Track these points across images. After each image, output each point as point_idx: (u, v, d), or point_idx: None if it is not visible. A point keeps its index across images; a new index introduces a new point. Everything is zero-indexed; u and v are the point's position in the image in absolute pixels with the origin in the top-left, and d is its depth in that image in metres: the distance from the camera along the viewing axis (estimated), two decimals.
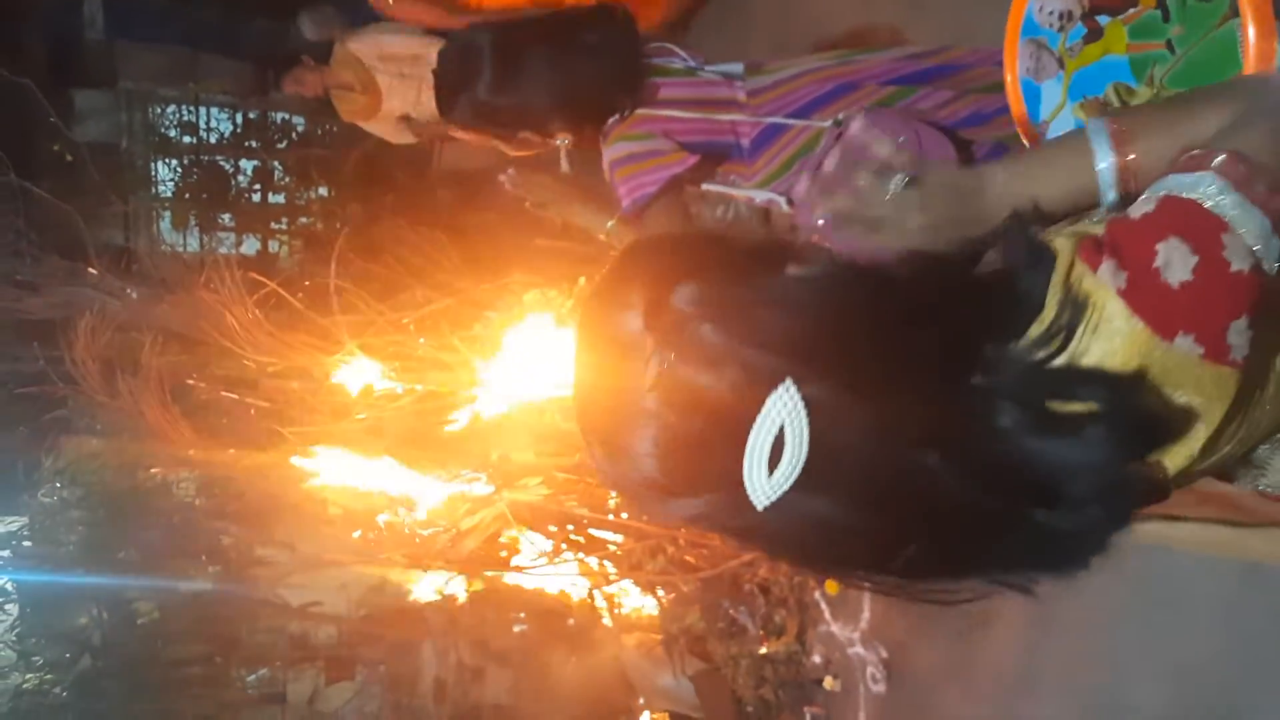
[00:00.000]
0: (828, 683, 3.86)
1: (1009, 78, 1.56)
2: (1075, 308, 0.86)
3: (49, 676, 5.89)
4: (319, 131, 7.34)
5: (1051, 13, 1.37)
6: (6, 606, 6.04)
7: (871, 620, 3.65)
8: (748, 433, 0.80)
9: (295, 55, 4.84)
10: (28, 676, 5.89)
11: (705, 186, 2.06)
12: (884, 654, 3.61)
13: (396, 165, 6.47)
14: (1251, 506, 1.13)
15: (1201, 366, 0.86)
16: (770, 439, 0.80)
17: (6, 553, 5.96)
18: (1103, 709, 2.73)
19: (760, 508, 0.82)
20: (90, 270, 3.66)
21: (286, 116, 7.56)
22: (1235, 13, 1.14)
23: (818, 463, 0.80)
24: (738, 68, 2.06)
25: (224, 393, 3.73)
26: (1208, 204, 0.86)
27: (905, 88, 1.96)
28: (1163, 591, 2.51)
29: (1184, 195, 0.87)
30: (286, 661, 6.27)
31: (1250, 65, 1.14)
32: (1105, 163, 0.97)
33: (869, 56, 2.04)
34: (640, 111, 2.01)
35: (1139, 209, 0.90)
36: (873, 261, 0.89)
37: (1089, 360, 0.86)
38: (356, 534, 3.97)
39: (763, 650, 3.96)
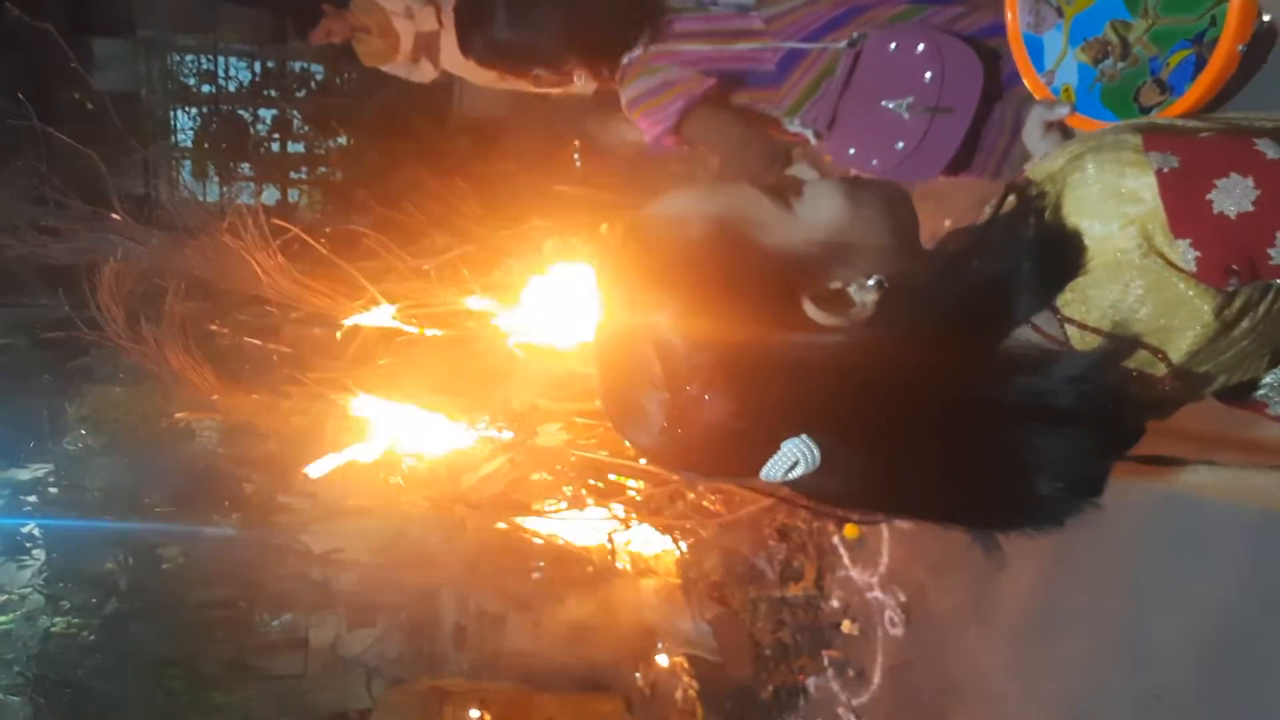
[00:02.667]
0: (846, 626, 3.89)
1: (1011, 34, 1.58)
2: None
3: (76, 620, 5.99)
4: (338, 80, 7.31)
5: None
6: (34, 552, 6.13)
7: (890, 564, 3.67)
8: (763, 459, 0.87)
9: (312, 4, 4.80)
10: (56, 620, 5.99)
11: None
12: (902, 598, 3.63)
13: (416, 112, 6.44)
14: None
15: (1194, 287, 0.88)
16: (785, 466, 0.88)
17: (33, 499, 6.04)
18: (1121, 648, 2.74)
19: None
20: (113, 216, 3.67)
21: (305, 65, 7.53)
22: None
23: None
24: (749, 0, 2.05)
25: (246, 339, 3.74)
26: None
27: (917, 6, 1.94)
28: (1181, 535, 2.51)
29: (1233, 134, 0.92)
30: (309, 607, 6.36)
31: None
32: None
33: None
34: (654, 48, 2.00)
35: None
36: (887, 326, 0.89)
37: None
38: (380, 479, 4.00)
39: (781, 595, 3.98)
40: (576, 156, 5.97)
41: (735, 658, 4.19)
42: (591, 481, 3.99)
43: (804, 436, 0.86)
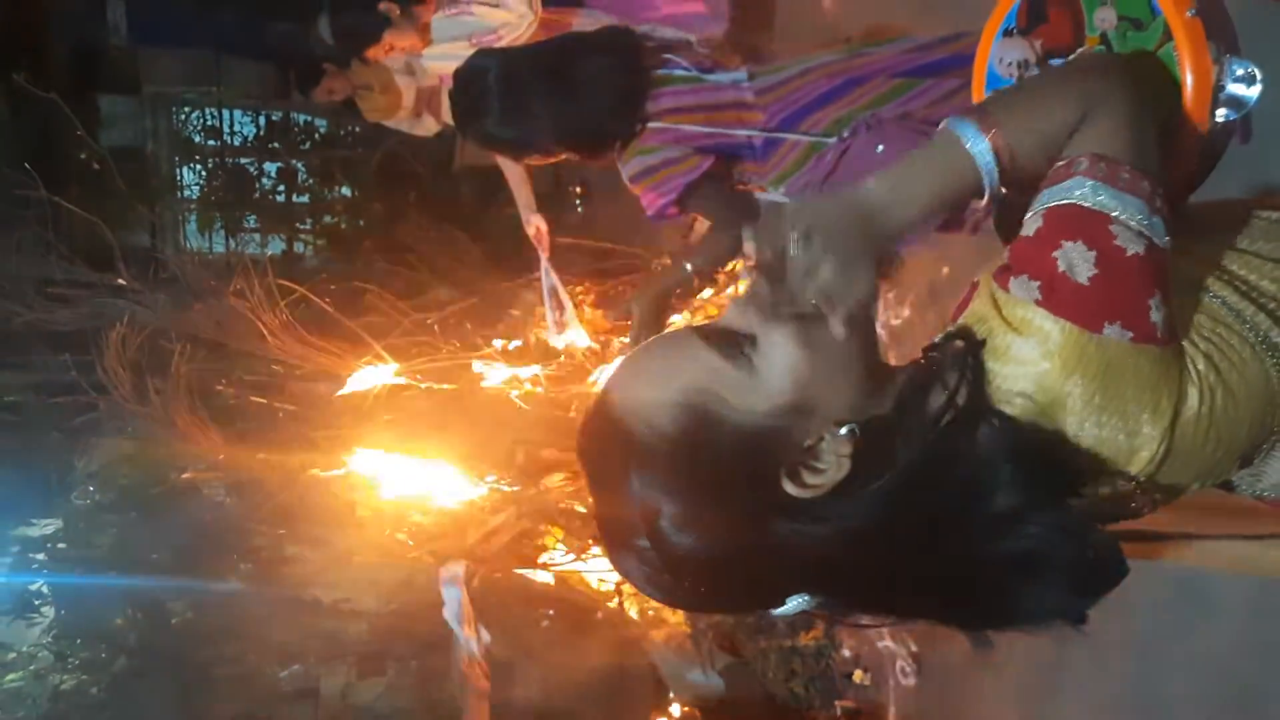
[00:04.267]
0: (858, 676, 3.86)
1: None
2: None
3: (85, 677, 5.98)
4: (341, 132, 7.40)
5: (1010, 63, 1.41)
6: (43, 609, 6.13)
7: None
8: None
9: (316, 63, 4.87)
10: (65, 677, 5.98)
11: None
12: (914, 647, 3.61)
13: (419, 163, 6.51)
14: (1266, 515, 1.14)
15: (1136, 352, 0.91)
16: (782, 612, 0.94)
17: (42, 555, 6.04)
18: (1126, 701, 2.72)
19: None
20: (120, 281, 3.71)
21: (309, 118, 7.62)
22: (1169, 37, 1.20)
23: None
24: (742, 74, 2.09)
25: (252, 398, 3.77)
26: (1086, 203, 0.93)
27: (911, 80, 1.97)
28: (1183, 588, 2.50)
29: (1063, 202, 0.94)
30: (318, 658, 6.34)
31: (1187, 82, 1.19)
32: (980, 146, 0.98)
33: (877, 50, 2.06)
34: (651, 126, 2.05)
35: (1029, 227, 0.95)
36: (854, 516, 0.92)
37: (1018, 370, 0.93)
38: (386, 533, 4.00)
39: (792, 644, 3.96)
40: (578, 203, 6.02)
41: (748, 709, 4.17)
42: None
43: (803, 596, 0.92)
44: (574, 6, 4.16)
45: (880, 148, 1.92)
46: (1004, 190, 1.01)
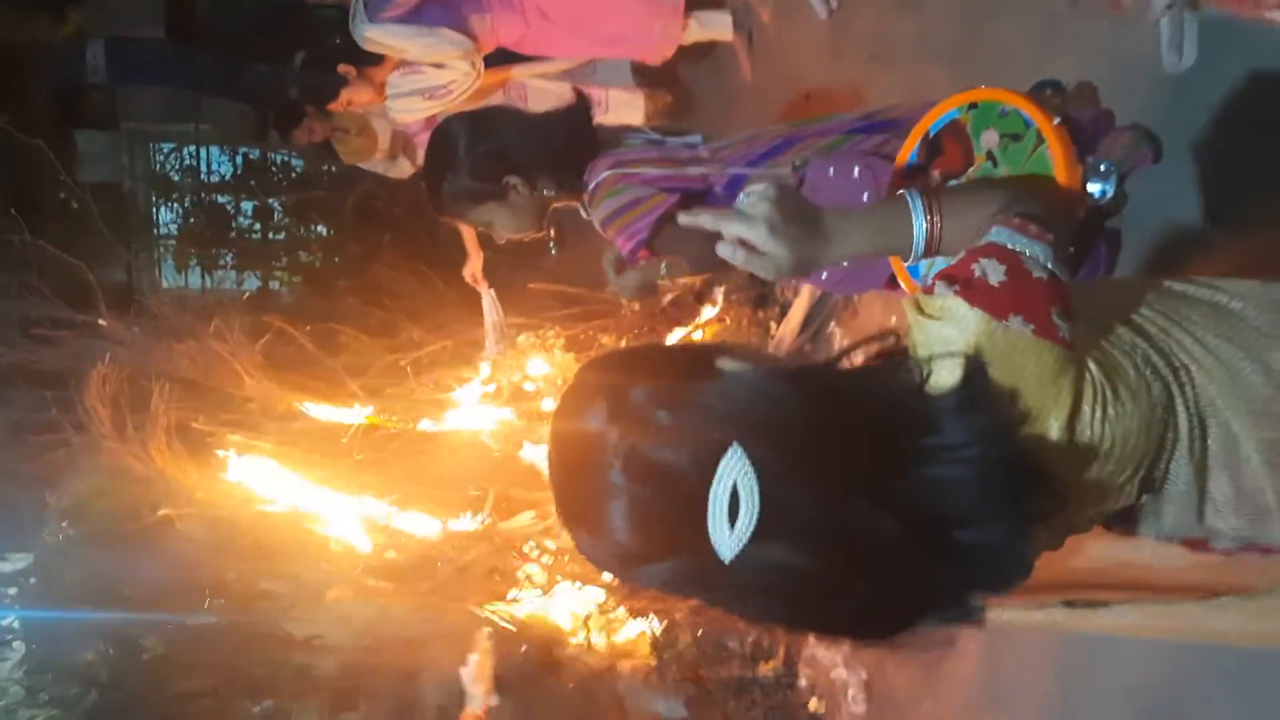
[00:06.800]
0: (813, 705, 3.98)
1: (894, 265, 1.85)
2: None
3: (57, 712, 5.96)
4: (318, 172, 7.49)
5: None
6: (14, 644, 6.12)
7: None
8: (707, 496, 0.96)
9: (293, 106, 5.02)
10: (36, 713, 5.96)
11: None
12: (864, 675, 3.74)
13: (394, 203, 6.62)
14: (1172, 579, 1.30)
15: (1037, 343, 1.07)
16: (726, 496, 0.95)
17: (14, 590, 6.05)
18: (1057, 714, 2.87)
19: (727, 560, 0.96)
20: (100, 322, 3.81)
21: (286, 157, 7.71)
22: (1041, 140, 1.47)
23: (769, 513, 0.95)
24: (696, 138, 2.24)
25: (229, 435, 3.86)
26: (1002, 241, 1.13)
27: (846, 135, 2.13)
28: None
29: (984, 242, 1.14)
30: (291, 693, 6.34)
31: (1060, 174, 1.47)
32: (920, 225, 1.23)
33: (820, 123, 2.21)
34: (612, 173, 2.17)
35: (956, 257, 1.16)
36: (790, 364, 1.09)
37: (944, 347, 1.07)
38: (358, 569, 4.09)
39: (752, 674, 4.07)
40: (552, 245, 6.13)
41: None
42: (568, 566, 4.09)
43: (735, 448, 0.95)
44: (510, 64, 4.44)
45: (831, 170, 2.06)
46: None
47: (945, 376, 1.06)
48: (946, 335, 1.07)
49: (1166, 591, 1.32)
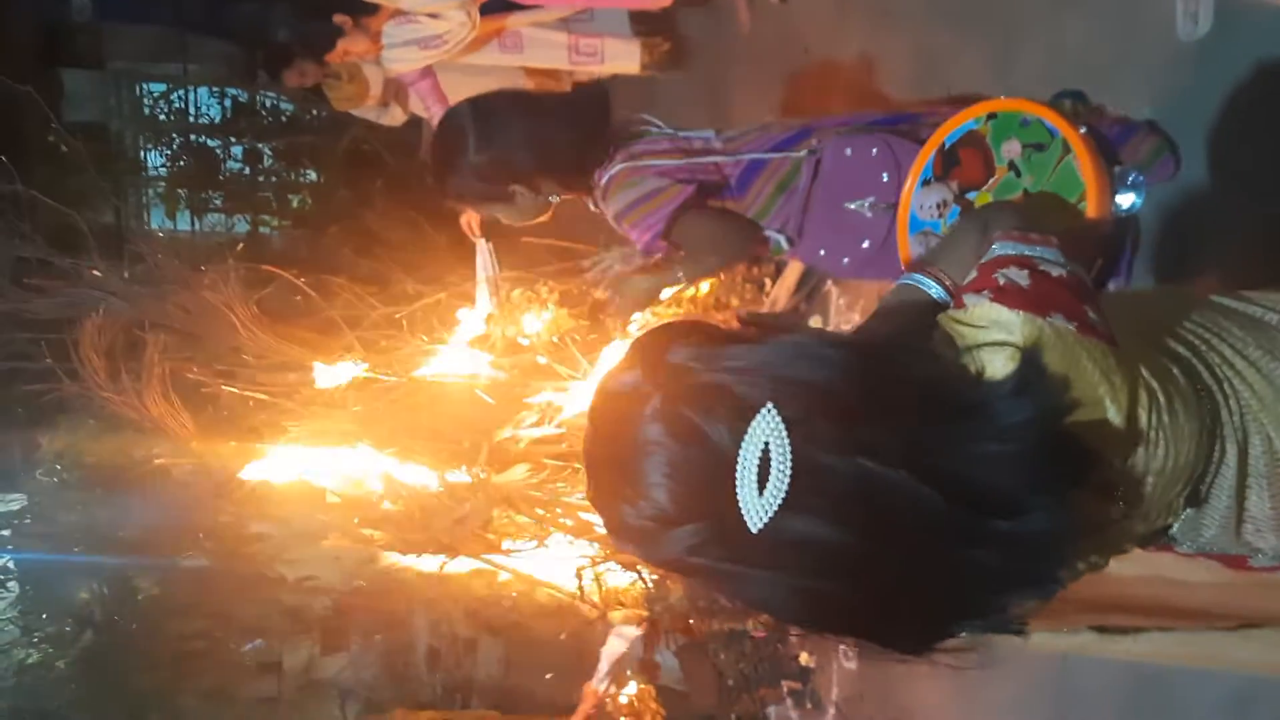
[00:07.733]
0: (804, 658, 4.05)
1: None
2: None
3: (51, 651, 6.03)
4: (308, 116, 7.39)
5: (929, 207, 1.61)
6: (9, 584, 6.17)
7: None
8: (738, 456, 0.92)
9: (283, 47, 4.95)
10: (31, 652, 6.03)
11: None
12: None
13: (385, 149, 6.55)
14: (1200, 602, 1.31)
15: (1086, 342, 1.05)
16: (757, 456, 0.90)
17: (7, 532, 6.07)
18: (1047, 690, 2.93)
19: (755, 529, 0.90)
20: (94, 272, 3.79)
21: (275, 101, 7.61)
22: (1067, 150, 1.45)
23: (801, 480, 0.90)
24: (709, 132, 2.23)
25: (224, 385, 3.86)
26: (1009, 252, 1.13)
27: (867, 127, 2.12)
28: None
29: (991, 257, 1.15)
30: (283, 634, 6.42)
31: (1090, 185, 1.45)
32: (937, 291, 1.27)
33: (837, 117, 2.19)
34: (626, 165, 2.13)
35: (968, 280, 1.16)
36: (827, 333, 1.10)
37: (995, 351, 1.04)
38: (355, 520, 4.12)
39: (744, 627, 4.12)
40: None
41: (700, 687, 4.34)
42: (562, 519, 4.12)
43: (770, 407, 0.91)
44: (506, 12, 4.39)
45: (849, 150, 2.05)
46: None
47: (998, 367, 1.03)
48: (995, 335, 1.05)
49: (1193, 617, 1.31)
